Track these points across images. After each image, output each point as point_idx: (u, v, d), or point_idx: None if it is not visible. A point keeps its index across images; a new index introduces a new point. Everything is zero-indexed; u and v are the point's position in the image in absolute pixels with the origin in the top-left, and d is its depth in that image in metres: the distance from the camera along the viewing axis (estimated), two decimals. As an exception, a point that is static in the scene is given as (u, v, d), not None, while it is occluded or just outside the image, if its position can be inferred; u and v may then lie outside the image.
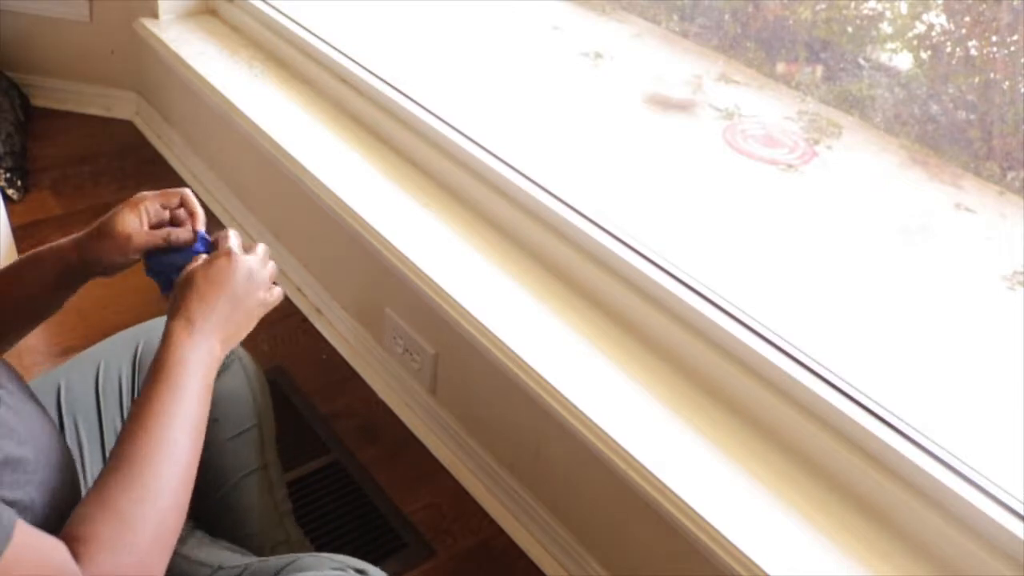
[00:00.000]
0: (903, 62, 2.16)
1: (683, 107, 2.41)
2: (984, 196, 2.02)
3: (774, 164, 2.21)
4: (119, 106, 2.48)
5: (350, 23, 2.04)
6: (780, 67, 2.40)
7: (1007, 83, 1.91)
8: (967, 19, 1.96)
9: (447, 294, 1.32)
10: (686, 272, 1.25)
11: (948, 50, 2.02)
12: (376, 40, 2.01)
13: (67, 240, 0.99)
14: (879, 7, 2.22)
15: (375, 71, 1.71)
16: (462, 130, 1.54)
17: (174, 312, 0.90)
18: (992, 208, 2.00)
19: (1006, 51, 1.88)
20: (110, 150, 2.36)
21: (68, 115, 2.47)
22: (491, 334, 1.26)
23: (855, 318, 1.69)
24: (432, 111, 1.59)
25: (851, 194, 2.11)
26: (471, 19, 2.66)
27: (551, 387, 1.17)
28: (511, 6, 2.83)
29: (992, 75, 1.94)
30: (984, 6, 1.91)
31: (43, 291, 1.00)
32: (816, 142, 2.24)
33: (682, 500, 1.03)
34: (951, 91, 2.02)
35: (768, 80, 2.41)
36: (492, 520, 1.50)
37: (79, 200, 2.17)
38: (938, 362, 1.59)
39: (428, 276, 1.35)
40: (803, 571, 0.97)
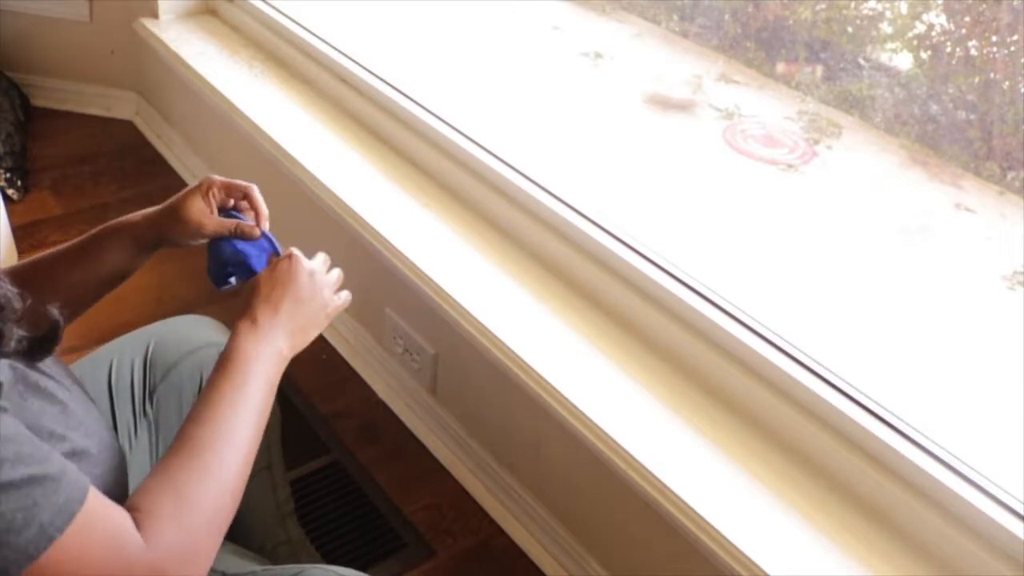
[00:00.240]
0: (903, 62, 2.16)
1: (683, 107, 2.41)
2: (984, 196, 2.02)
3: (774, 164, 2.21)
4: (119, 106, 2.48)
5: (350, 23, 2.04)
6: (780, 67, 2.40)
7: (1007, 83, 1.91)
8: (967, 19, 1.96)
9: (447, 294, 1.32)
10: (686, 272, 1.25)
11: (948, 50, 2.02)
12: (376, 40, 2.01)
13: (139, 217, 1.05)
14: (879, 7, 2.22)
15: (375, 71, 1.71)
16: (462, 130, 1.54)
17: (241, 312, 0.95)
18: (992, 208, 2.00)
19: (1006, 51, 1.88)
20: (110, 150, 2.36)
21: (68, 115, 2.47)
22: (491, 334, 1.26)
23: (855, 318, 1.69)
24: (432, 111, 1.59)
25: (851, 194, 2.11)
26: (471, 19, 2.66)
27: (551, 387, 1.17)
28: (511, 6, 2.83)
29: (992, 75, 1.94)
30: (984, 6, 1.91)
31: (120, 265, 1.05)
32: (816, 142, 2.24)
33: (682, 500, 1.03)
34: (951, 91, 2.02)
35: (768, 80, 2.41)
36: (492, 520, 1.50)
37: (79, 200, 2.17)
38: (938, 362, 1.59)
39: (428, 276, 1.35)
40: (803, 571, 0.97)
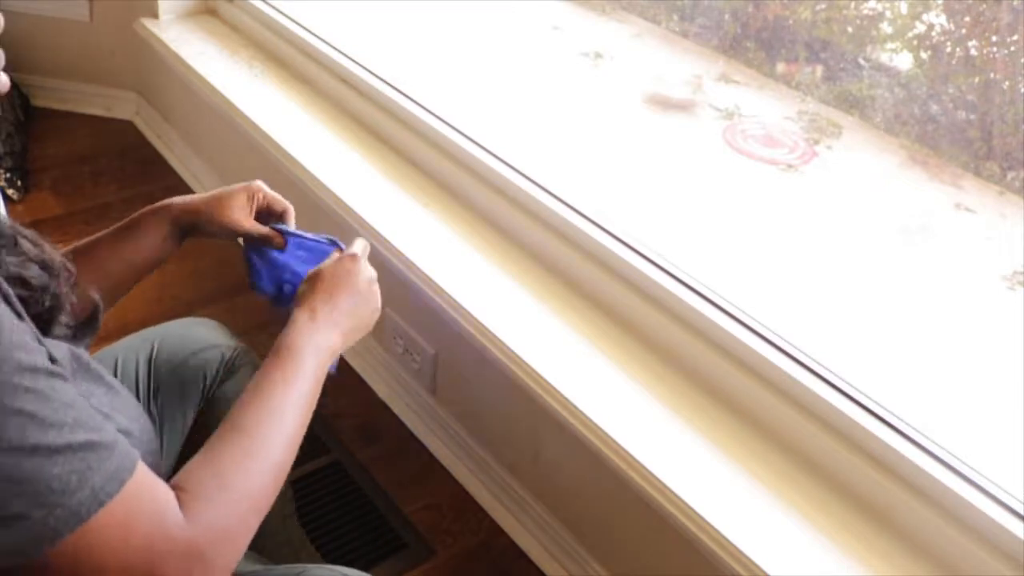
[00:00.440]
0: (903, 62, 2.16)
1: (683, 107, 2.42)
2: (984, 196, 2.03)
3: (774, 164, 2.21)
4: (119, 106, 2.48)
5: (350, 23, 2.04)
6: (780, 67, 2.40)
7: (1007, 83, 1.91)
8: (967, 19, 1.96)
9: (447, 294, 1.32)
10: (686, 272, 1.25)
11: (948, 50, 2.02)
12: (376, 40, 2.01)
13: (179, 201, 1.08)
14: (879, 7, 2.22)
15: (375, 71, 1.71)
16: (462, 130, 1.54)
17: (300, 302, 0.97)
18: (992, 208, 2.00)
19: (1006, 51, 1.88)
20: (110, 150, 2.36)
21: (68, 115, 2.47)
22: (491, 334, 1.26)
23: (855, 318, 1.69)
24: (432, 111, 1.59)
25: (851, 194, 2.11)
26: (471, 19, 2.66)
27: (551, 387, 1.17)
28: (511, 6, 2.83)
29: (992, 75, 1.94)
30: (984, 6, 1.91)
31: (155, 250, 1.08)
32: (816, 142, 2.24)
33: (682, 500, 1.03)
34: (951, 91, 2.03)
35: (768, 80, 2.41)
36: (492, 520, 1.49)
37: (79, 200, 2.18)
38: (938, 362, 1.59)
39: (428, 276, 1.35)
40: (803, 571, 0.97)
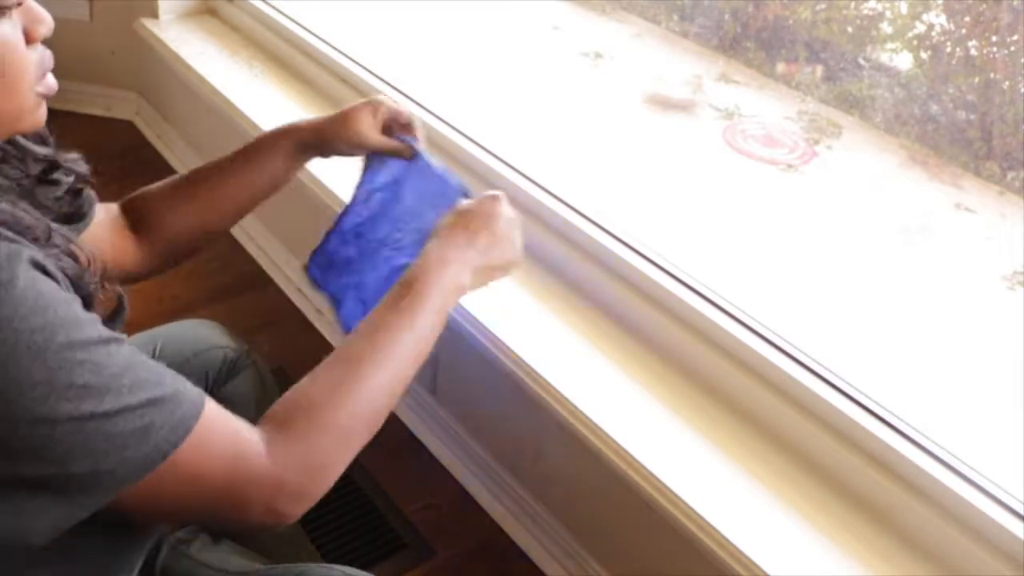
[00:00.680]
0: (903, 62, 2.16)
1: (683, 107, 2.42)
2: (984, 196, 2.03)
3: (774, 164, 2.21)
4: (119, 106, 2.48)
5: (350, 23, 2.04)
6: (780, 67, 2.40)
7: (1007, 83, 1.91)
8: (967, 19, 1.97)
9: (447, 294, 1.32)
10: (686, 272, 1.25)
11: (948, 50, 2.02)
12: (377, 40, 2.01)
13: (304, 123, 1.11)
14: (879, 7, 2.22)
15: (375, 71, 1.71)
16: (462, 130, 1.54)
17: (438, 231, 0.96)
18: (992, 208, 2.00)
19: (1006, 51, 1.88)
20: (110, 150, 2.36)
21: (68, 115, 2.47)
22: (491, 334, 1.25)
23: (855, 318, 1.69)
24: (432, 111, 1.59)
25: (851, 194, 2.12)
26: (471, 19, 2.66)
27: (551, 387, 1.17)
28: (511, 6, 2.83)
29: (992, 75, 1.94)
30: (984, 6, 1.91)
31: (278, 171, 1.11)
32: (816, 142, 2.24)
33: (682, 500, 1.03)
34: (951, 91, 2.03)
35: (768, 80, 2.41)
36: (492, 520, 1.49)
37: (79, 200, 2.17)
38: (938, 362, 1.59)
39: (428, 276, 1.35)
40: (803, 571, 0.97)
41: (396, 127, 1.12)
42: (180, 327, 1.21)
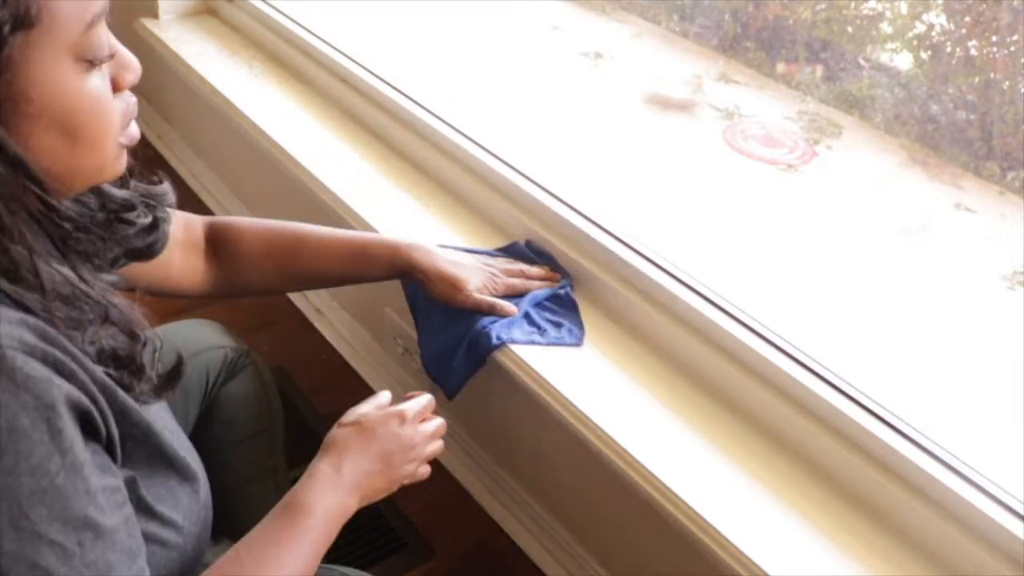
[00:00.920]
0: (903, 62, 2.16)
1: (683, 107, 2.42)
2: (984, 196, 2.03)
3: (774, 164, 2.21)
4: (119, 106, 2.47)
5: (350, 23, 2.04)
6: (780, 67, 2.40)
7: (1007, 83, 1.91)
8: (967, 19, 1.97)
9: (447, 294, 1.32)
10: (686, 272, 1.25)
11: (948, 50, 2.02)
12: (377, 40, 2.01)
13: (421, 266, 1.13)
14: (879, 7, 2.22)
15: (375, 71, 1.71)
16: (462, 130, 1.54)
17: (329, 450, 0.91)
18: (992, 208, 2.00)
19: (1006, 51, 1.88)
20: (110, 150, 2.36)
21: (68, 115, 2.46)
22: (491, 334, 1.25)
23: (855, 318, 1.69)
24: (432, 111, 1.59)
25: (851, 194, 2.11)
26: (471, 19, 2.66)
27: (551, 387, 1.17)
28: (511, 6, 2.83)
29: (992, 75, 1.94)
30: (984, 6, 1.91)
31: (374, 278, 1.16)
32: (816, 142, 2.24)
33: (682, 500, 1.03)
34: (951, 91, 2.03)
35: (768, 80, 2.41)
36: (492, 520, 1.49)
37: (79, 200, 2.17)
38: (938, 362, 1.59)
39: (428, 276, 1.35)
40: (803, 571, 0.97)
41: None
42: (180, 327, 1.21)
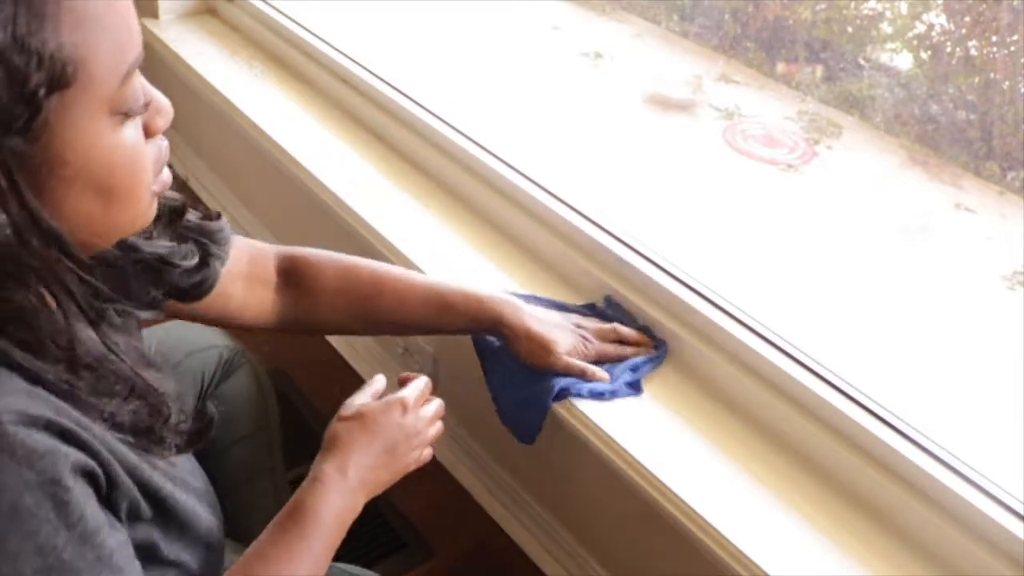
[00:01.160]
0: (903, 62, 2.16)
1: (683, 107, 2.42)
2: (984, 196, 2.03)
3: (774, 164, 2.21)
4: (119, 106, 2.47)
5: (350, 23, 2.04)
6: (780, 67, 2.40)
7: (1007, 83, 1.91)
8: (967, 19, 1.96)
9: (447, 294, 1.32)
10: (686, 272, 1.24)
11: (948, 50, 2.02)
12: (377, 40, 2.01)
13: (510, 324, 1.06)
14: (879, 7, 2.22)
15: (375, 71, 1.71)
16: (462, 130, 1.54)
17: (333, 449, 0.88)
18: (992, 208, 2.00)
19: (1006, 51, 1.88)
20: (110, 150, 2.36)
21: (68, 115, 2.46)
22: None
23: (855, 318, 1.69)
24: (432, 111, 1.59)
25: (851, 194, 2.11)
26: (471, 19, 2.66)
27: (551, 387, 1.17)
28: (511, 6, 2.83)
29: (992, 75, 1.94)
30: (984, 6, 1.91)
31: (456, 330, 1.09)
32: (816, 142, 2.24)
33: (682, 500, 1.03)
34: (951, 91, 2.03)
35: (768, 80, 2.41)
36: (492, 520, 1.49)
37: (79, 200, 2.17)
38: (938, 362, 1.59)
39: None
40: (803, 571, 0.97)
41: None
42: (175, 326, 1.20)
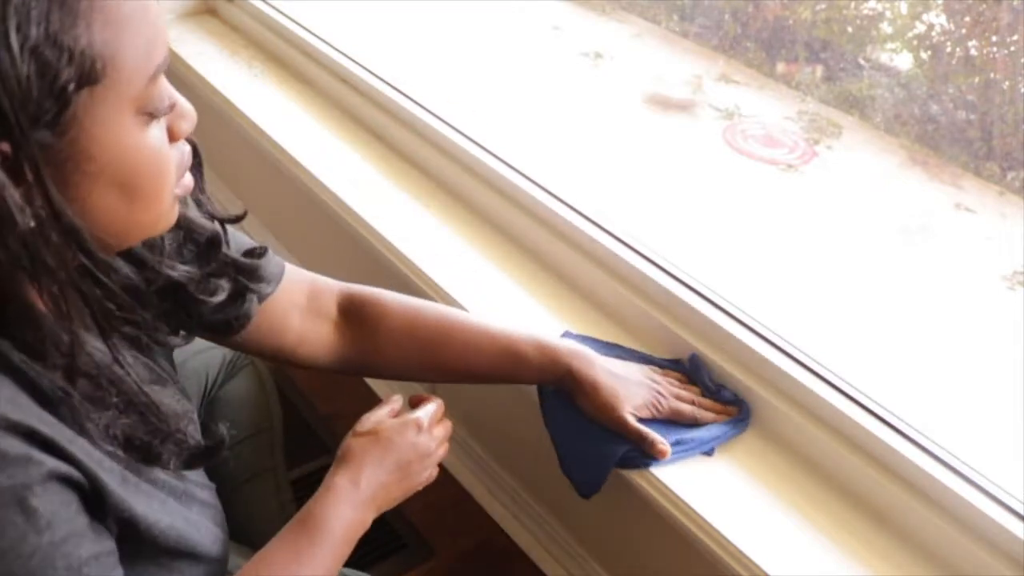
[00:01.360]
0: (903, 62, 2.16)
1: (683, 107, 2.42)
2: (984, 196, 2.03)
3: (774, 164, 2.21)
4: (119, 106, 2.47)
5: (350, 23, 2.04)
6: (780, 67, 2.40)
7: (1007, 83, 1.91)
8: (967, 19, 1.96)
9: (447, 294, 1.32)
10: (686, 272, 1.25)
11: (948, 50, 2.02)
12: (377, 40, 2.01)
13: (580, 380, 1.00)
14: (879, 7, 2.22)
15: (375, 71, 1.71)
16: (462, 130, 1.54)
17: (346, 462, 0.87)
18: (992, 208, 2.00)
19: (1006, 51, 1.88)
20: (110, 150, 2.36)
21: (68, 115, 2.46)
22: (491, 334, 1.25)
23: (855, 318, 1.69)
24: (432, 111, 1.59)
25: (851, 194, 2.11)
26: (471, 19, 2.66)
27: (551, 387, 1.17)
28: (511, 6, 2.83)
29: (992, 75, 1.94)
30: (984, 6, 1.91)
31: (520, 380, 1.05)
32: (816, 142, 2.24)
33: (682, 500, 1.03)
34: (951, 91, 2.03)
35: (768, 80, 2.41)
36: (492, 520, 1.49)
37: (79, 200, 2.17)
38: (938, 362, 1.59)
39: (428, 276, 1.35)
40: (803, 571, 0.97)
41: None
42: None
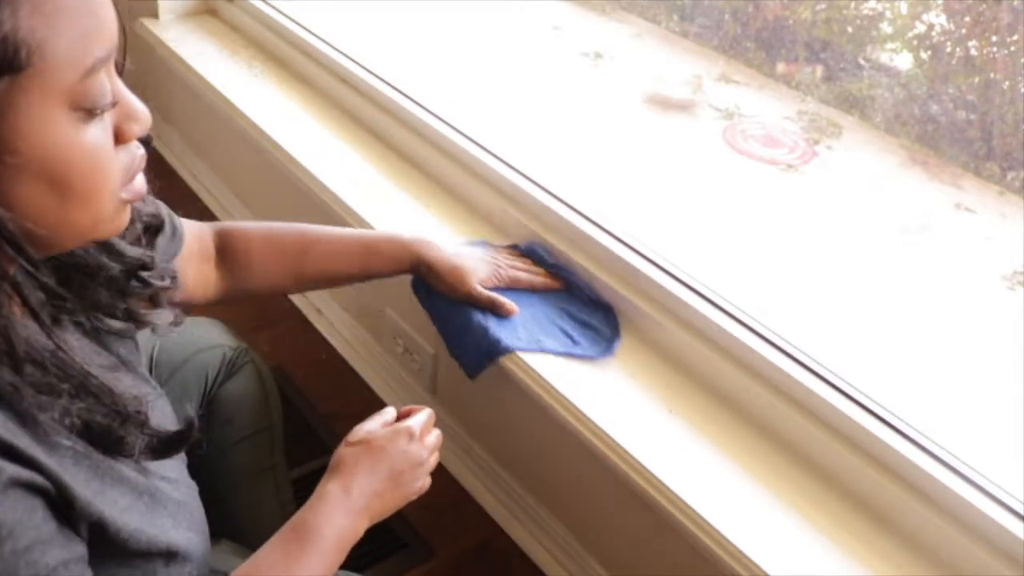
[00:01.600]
0: (903, 62, 2.16)
1: (683, 107, 2.42)
2: (984, 196, 2.03)
3: (774, 164, 2.21)
4: (119, 106, 2.47)
5: (350, 23, 2.04)
6: (780, 67, 2.40)
7: (1007, 83, 1.91)
8: (967, 19, 1.96)
9: (447, 294, 1.32)
10: (686, 272, 1.25)
11: (948, 50, 2.02)
12: (377, 40, 2.01)
13: (429, 260, 1.15)
14: (879, 7, 2.22)
15: (375, 71, 1.71)
16: (462, 130, 1.54)
17: (338, 471, 0.89)
18: (992, 208, 2.00)
19: (1006, 51, 1.88)
20: (110, 150, 2.36)
21: (68, 115, 2.46)
22: (491, 334, 1.25)
23: (855, 318, 1.69)
24: (432, 111, 1.59)
25: (851, 194, 2.12)
26: (471, 19, 2.66)
27: (550, 387, 1.17)
28: (511, 6, 2.83)
29: (992, 75, 1.94)
30: (984, 6, 1.91)
31: (383, 274, 1.16)
32: (816, 142, 2.24)
33: (682, 500, 1.03)
34: (951, 91, 2.03)
35: (768, 80, 2.41)
36: (492, 520, 1.49)
37: (79, 200, 2.17)
38: (938, 362, 1.59)
39: (428, 276, 1.35)
40: (803, 571, 0.97)
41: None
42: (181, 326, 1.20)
